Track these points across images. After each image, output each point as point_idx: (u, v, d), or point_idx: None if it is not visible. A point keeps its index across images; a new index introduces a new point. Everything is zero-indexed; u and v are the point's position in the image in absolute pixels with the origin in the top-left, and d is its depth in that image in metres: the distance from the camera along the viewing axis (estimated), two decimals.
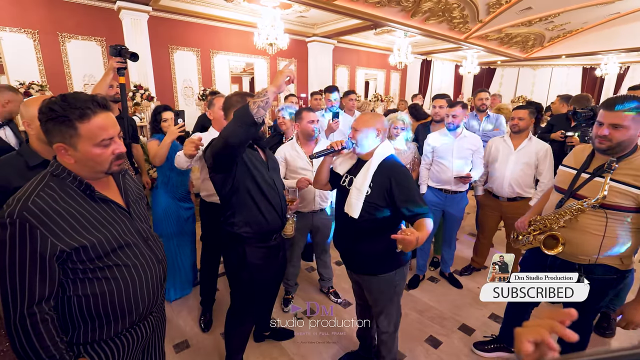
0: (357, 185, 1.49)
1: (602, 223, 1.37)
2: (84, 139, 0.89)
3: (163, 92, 6.23)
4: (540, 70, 12.42)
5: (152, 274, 1.07)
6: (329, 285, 2.56)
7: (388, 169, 1.48)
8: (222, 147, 1.32)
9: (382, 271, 1.57)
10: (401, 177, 1.46)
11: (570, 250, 1.46)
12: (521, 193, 2.48)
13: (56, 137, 0.89)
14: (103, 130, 0.91)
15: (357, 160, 1.60)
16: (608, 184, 1.31)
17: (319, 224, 2.32)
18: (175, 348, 2.02)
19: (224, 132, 1.31)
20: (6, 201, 0.88)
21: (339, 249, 1.70)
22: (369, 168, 1.48)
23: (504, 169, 2.49)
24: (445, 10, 6.45)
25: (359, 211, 1.46)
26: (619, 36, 8.52)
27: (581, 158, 1.51)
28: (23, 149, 1.27)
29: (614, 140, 1.33)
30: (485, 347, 1.98)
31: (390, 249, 1.47)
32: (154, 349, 1.25)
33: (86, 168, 0.94)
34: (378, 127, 1.51)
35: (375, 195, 1.46)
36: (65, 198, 0.90)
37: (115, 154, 0.95)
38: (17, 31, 4.94)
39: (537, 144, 2.44)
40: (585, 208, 1.38)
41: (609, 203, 1.34)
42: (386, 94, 10.44)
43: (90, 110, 0.88)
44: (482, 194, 2.76)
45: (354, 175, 1.54)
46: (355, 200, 1.47)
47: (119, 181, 1.08)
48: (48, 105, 0.87)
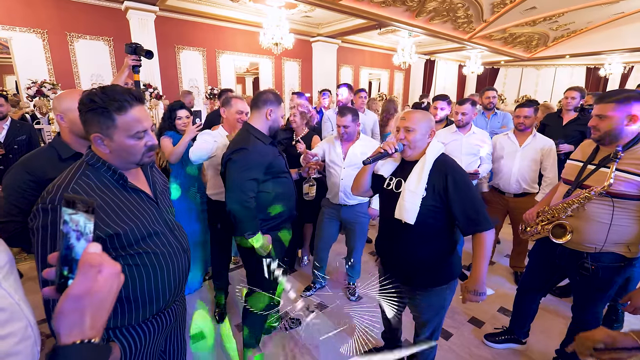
0: (411, 187, 1.35)
1: (609, 211, 1.41)
2: (120, 130, 0.92)
3: (169, 91, 6.29)
4: (544, 70, 12.41)
5: (178, 263, 1.10)
6: (352, 282, 2.56)
7: (443, 165, 1.36)
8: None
9: (434, 284, 1.44)
10: (458, 175, 1.33)
11: (578, 239, 1.50)
12: (527, 189, 2.51)
13: (94, 127, 0.92)
14: (138, 122, 0.94)
15: (401, 160, 1.49)
16: (614, 172, 1.36)
17: (346, 219, 2.34)
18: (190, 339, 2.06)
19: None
20: (42, 190, 0.92)
21: (384, 258, 1.60)
22: (423, 167, 1.35)
23: (511, 165, 2.52)
24: (449, 10, 6.48)
25: (415, 216, 1.33)
26: (623, 36, 8.51)
27: (588, 151, 1.58)
28: (55, 141, 1.32)
29: (602, 130, 1.44)
30: (496, 339, 2.01)
31: (445, 259, 1.41)
32: (175, 337, 1.29)
33: (120, 158, 0.97)
34: (432, 125, 1.43)
35: (431, 197, 1.33)
36: (100, 187, 0.94)
37: (148, 145, 0.99)
38: (26, 31, 5.01)
39: (541, 140, 2.48)
40: (592, 195, 1.42)
41: (615, 191, 1.39)
42: (390, 93, 10.47)
43: (128, 102, 0.92)
44: (487, 191, 2.79)
45: (402, 178, 1.42)
46: (410, 204, 1.33)
47: (148, 173, 1.11)
48: (89, 97, 0.91)
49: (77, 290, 0.45)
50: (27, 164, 1.26)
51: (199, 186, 2.47)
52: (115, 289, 0.50)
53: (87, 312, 0.45)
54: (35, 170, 1.21)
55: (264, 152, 1.63)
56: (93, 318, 0.46)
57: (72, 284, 0.46)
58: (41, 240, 0.86)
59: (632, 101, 1.36)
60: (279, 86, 8.02)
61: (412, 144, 1.39)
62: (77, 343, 0.44)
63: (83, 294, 0.46)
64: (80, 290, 0.46)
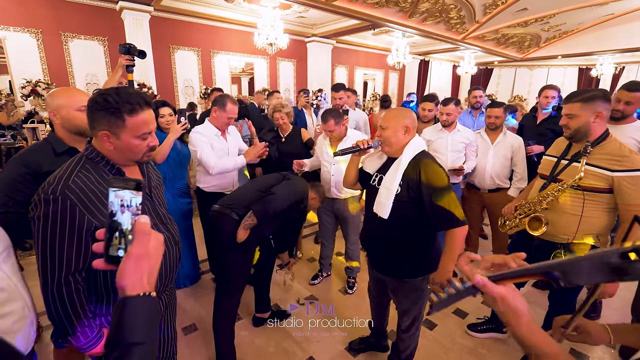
0: (387, 184, 1.42)
1: (580, 204, 1.49)
2: (128, 131, 0.99)
3: (164, 91, 6.33)
4: (537, 70, 12.57)
5: (169, 253, 1.16)
6: (352, 276, 2.63)
7: (418, 162, 1.40)
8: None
9: (410, 276, 1.50)
10: (430, 172, 1.36)
11: (553, 231, 1.58)
12: (500, 184, 2.64)
13: (103, 125, 0.98)
14: (145, 125, 1.01)
15: (387, 158, 1.54)
16: (584, 166, 1.45)
17: (339, 209, 2.45)
18: (184, 331, 2.11)
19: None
20: (37, 182, 0.98)
21: (366, 249, 1.67)
22: (399, 165, 1.40)
23: (485, 162, 2.65)
24: (442, 11, 6.56)
25: (388, 211, 1.40)
26: (613, 37, 8.66)
27: (561, 147, 1.67)
28: (50, 137, 1.37)
29: (572, 128, 1.53)
30: (478, 328, 2.09)
31: (420, 253, 1.46)
32: (166, 327, 1.35)
33: (122, 155, 1.04)
34: (406, 123, 1.44)
35: (405, 193, 1.39)
36: (99, 180, 1.00)
37: (150, 146, 1.06)
38: (20, 31, 5.02)
39: (511, 137, 2.61)
40: (565, 188, 1.51)
41: (585, 185, 1.47)
42: (384, 93, 10.56)
43: (139, 106, 0.99)
44: (464, 187, 2.90)
45: (383, 174, 1.48)
46: (384, 199, 1.41)
47: (143, 169, 1.18)
48: (103, 97, 0.96)
49: (136, 252, 0.54)
50: (24, 157, 1.32)
51: (187, 184, 2.53)
52: (161, 255, 0.59)
53: (145, 271, 0.54)
54: (31, 163, 1.27)
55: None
56: (148, 276, 0.55)
57: (132, 247, 0.55)
58: (42, 229, 0.92)
59: (596, 99, 1.45)
60: (274, 86, 8.07)
61: (385, 141, 1.46)
62: (140, 295, 0.52)
63: (141, 256, 0.54)
64: (138, 252, 0.55)
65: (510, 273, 0.59)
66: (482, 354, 1.96)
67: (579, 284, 0.52)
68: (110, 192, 0.55)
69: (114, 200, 0.55)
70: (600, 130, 1.49)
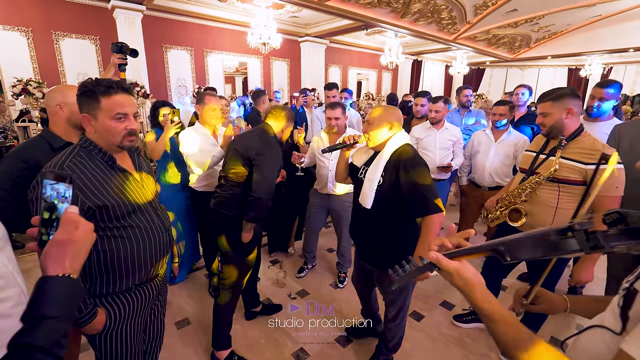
0: (370, 176, 1.50)
1: (556, 196, 1.57)
2: (103, 112, 1.06)
3: (157, 90, 6.32)
4: (527, 70, 12.77)
5: (159, 238, 1.22)
6: (343, 271, 2.68)
7: (399, 154, 1.46)
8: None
9: (392, 265, 1.59)
10: (409, 163, 1.42)
11: (531, 222, 1.65)
12: (500, 182, 2.66)
13: (84, 108, 1.07)
14: (119, 106, 1.07)
15: (373, 152, 1.61)
16: (559, 159, 1.53)
17: (333, 207, 2.51)
18: (177, 325, 2.15)
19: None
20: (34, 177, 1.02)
21: (354, 239, 1.74)
22: (381, 158, 1.49)
23: (485, 160, 2.68)
24: (433, 12, 6.66)
25: (371, 201, 1.47)
26: (601, 38, 8.85)
27: (540, 143, 1.75)
28: (45, 133, 1.40)
29: (547, 125, 1.62)
30: (463, 319, 2.16)
31: (402, 244, 1.50)
32: (156, 319, 1.40)
33: (103, 139, 1.09)
34: (391, 120, 1.51)
35: (387, 184, 1.46)
36: (92, 165, 1.07)
37: (128, 129, 1.10)
38: (10, 29, 4.99)
39: (515, 135, 2.64)
40: (542, 180, 1.58)
41: (561, 177, 1.55)
42: (378, 93, 10.65)
43: (113, 89, 1.06)
44: (466, 184, 2.95)
45: (369, 167, 1.56)
46: (367, 190, 1.48)
47: (134, 158, 1.25)
48: (83, 83, 1.07)
49: (60, 238, 0.59)
50: (21, 152, 1.35)
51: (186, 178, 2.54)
52: (90, 242, 0.64)
53: (67, 255, 0.59)
54: (29, 159, 1.31)
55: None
56: (71, 260, 0.59)
57: (56, 233, 0.60)
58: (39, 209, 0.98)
59: (565, 97, 1.55)
60: (267, 85, 8.10)
61: (370, 136, 1.53)
62: (60, 275, 0.57)
63: (64, 242, 0.59)
64: (62, 238, 0.59)
65: (463, 250, 0.65)
66: (467, 343, 2.02)
67: (522, 258, 0.57)
68: (46, 183, 0.60)
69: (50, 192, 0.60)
70: (574, 126, 1.56)
